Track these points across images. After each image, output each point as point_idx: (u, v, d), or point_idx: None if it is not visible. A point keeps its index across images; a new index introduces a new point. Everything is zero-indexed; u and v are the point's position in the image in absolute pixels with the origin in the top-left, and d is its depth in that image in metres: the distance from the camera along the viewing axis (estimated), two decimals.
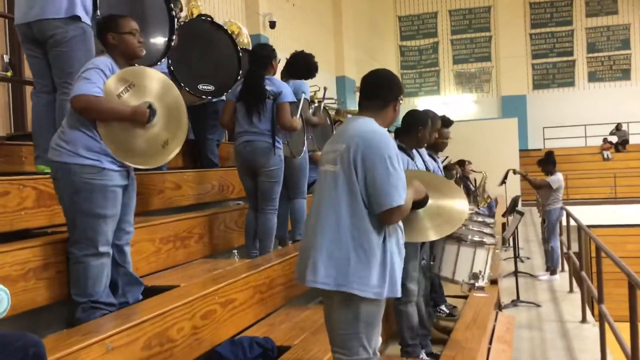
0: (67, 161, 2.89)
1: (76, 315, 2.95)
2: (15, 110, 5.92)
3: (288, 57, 5.27)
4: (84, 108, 2.88)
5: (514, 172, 10.13)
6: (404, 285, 3.86)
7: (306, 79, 5.23)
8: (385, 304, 2.72)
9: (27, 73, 4.79)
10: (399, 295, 2.63)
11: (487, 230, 4.48)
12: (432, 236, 3.29)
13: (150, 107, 3.01)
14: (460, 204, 3.36)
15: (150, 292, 3.29)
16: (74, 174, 2.88)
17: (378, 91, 2.74)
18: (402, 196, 2.52)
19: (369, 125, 2.64)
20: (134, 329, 2.63)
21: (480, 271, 3.88)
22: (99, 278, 2.97)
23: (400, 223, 2.70)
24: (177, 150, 3.22)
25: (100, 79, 2.92)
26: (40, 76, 3.77)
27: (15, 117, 5.90)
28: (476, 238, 3.96)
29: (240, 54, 5.47)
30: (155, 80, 3.14)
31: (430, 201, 3.07)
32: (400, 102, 2.80)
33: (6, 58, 5.82)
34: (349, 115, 9.23)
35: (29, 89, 4.85)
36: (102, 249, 2.96)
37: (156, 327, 2.76)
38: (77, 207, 2.91)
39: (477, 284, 3.88)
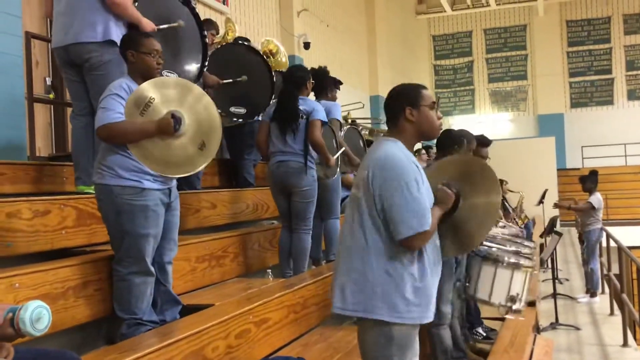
0: (109, 183, 2.96)
1: (121, 331, 3.01)
2: (57, 131, 6.06)
3: None
4: (109, 137, 2.95)
5: (554, 205, 9.99)
6: (437, 307, 3.83)
7: (331, 92, 5.23)
8: (419, 326, 2.67)
9: (69, 95, 4.92)
10: (432, 319, 2.58)
11: (525, 250, 4.40)
12: (479, 237, 2.99)
13: (173, 115, 2.95)
14: (494, 196, 2.90)
15: (186, 311, 3.32)
16: (115, 195, 2.95)
17: (387, 109, 2.67)
18: (422, 223, 2.43)
19: (389, 149, 2.56)
20: (170, 347, 2.65)
21: (517, 294, 3.79)
22: (142, 296, 3.02)
23: (437, 242, 2.66)
24: (215, 150, 3.13)
25: (117, 103, 2.95)
26: (78, 99, 3.87)
27: (57, 138, 6.05)
28: (513, 260, 3.89)
29: (275, 78, 5.52)
30: (171, 87, 3.07)
31: (461, 201, 2.78)
32: (415, 109, 2.57)
33: (48, 80, 5.98)
34: (382, 135, 9.24)
35: (70, 111, 4.98)
36: (145, 267, 3.02)
37: (192, 345, 2.78)
38: (121, 227, 2.98)
39: (514, 307, 3.79)
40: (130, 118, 2.95)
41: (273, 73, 5.58)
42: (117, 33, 3.65)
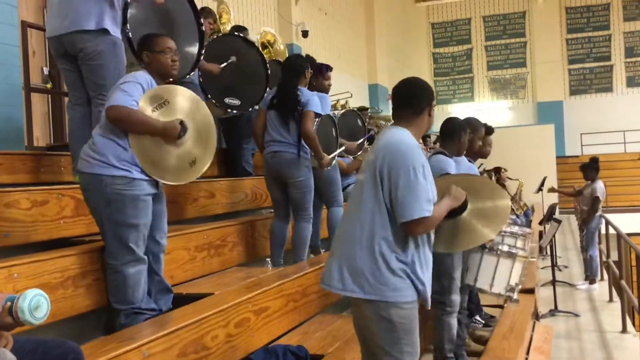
0: (99, 172, 2.93)
1: (120, 321, 3.00)
2: (54, 121, 6.05)
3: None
4: (117, 118, 2.93)
5: (552, 190, 9.95)
6: (448, 296, 3.84)
7: (317, 80, 5.12)
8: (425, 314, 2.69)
9: (65, 85, 4.91)
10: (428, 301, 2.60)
11: (519, 243, 4.41)
12: (491, 234, 3.10)
13: (182, 123, 3.05)
14: (501, 201, 3.15)
15: (186, 300, 3.32)
16: (105, 185, 2.92)
17: (412, 100, 2.71)
18: (425, 208, 2.47)
19: (399, 136, 2.62)
20: (169, 336, 2.66)
21: (516, 284, 3.82)
22: (138, 285, 3.02)
23: (432, 233, 2.68)
24: (203, 170, 3.25)
25: (138, 93, 2.97)
26: (74, 89, 3.86)
27: (54, 128, 6.04)
28: (513, 250, 3.91)
29: (269, 71, 5.47)
30: (186, 99, 3.18)
31: (470, 205, 2.94)
32: (434, 107, 2.78)
33: (45, 70, 5.96)
34: (383, 122, 9.23)
35: (67, 100, 4.97)
36: (138, 256, 3.02)
37: (191, 334, 2.79)
38: (111, 218, 2.96)
39: (513, 297, 3.82)
40: (142, 109, 2.97)
41: (268, 64, 5.53)
42: (111, 22, 3.63)
